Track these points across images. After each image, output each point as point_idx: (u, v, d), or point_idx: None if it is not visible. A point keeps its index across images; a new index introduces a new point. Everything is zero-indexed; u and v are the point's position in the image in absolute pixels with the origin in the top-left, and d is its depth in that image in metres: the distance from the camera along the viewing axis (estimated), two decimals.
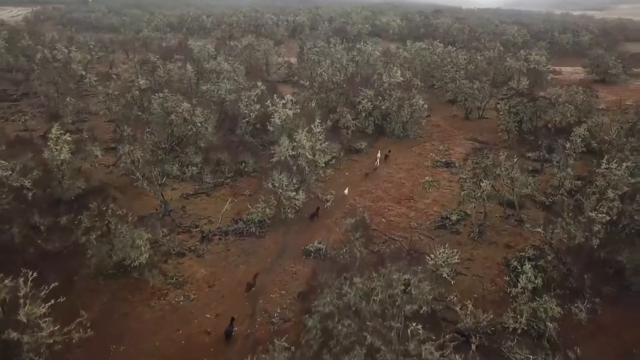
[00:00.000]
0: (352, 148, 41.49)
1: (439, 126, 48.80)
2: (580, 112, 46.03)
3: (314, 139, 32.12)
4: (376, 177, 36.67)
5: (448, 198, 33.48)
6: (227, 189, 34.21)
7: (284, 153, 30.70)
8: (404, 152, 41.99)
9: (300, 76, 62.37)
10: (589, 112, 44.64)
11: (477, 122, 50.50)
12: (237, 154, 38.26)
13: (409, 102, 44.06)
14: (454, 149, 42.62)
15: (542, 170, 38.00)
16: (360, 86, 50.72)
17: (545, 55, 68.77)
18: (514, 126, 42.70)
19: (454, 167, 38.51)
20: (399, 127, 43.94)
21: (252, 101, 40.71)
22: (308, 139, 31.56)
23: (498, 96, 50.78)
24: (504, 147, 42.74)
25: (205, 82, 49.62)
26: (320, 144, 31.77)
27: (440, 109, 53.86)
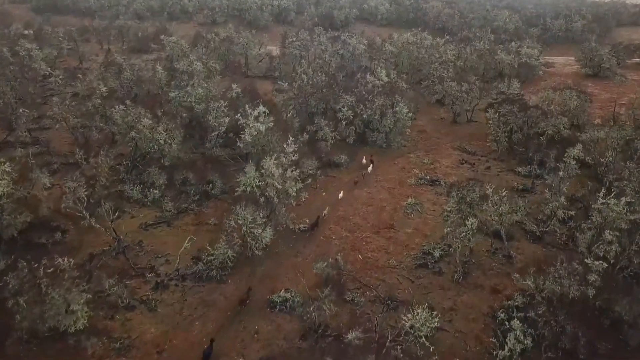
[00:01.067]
0: (331, 162, 38.27)
1: (424, 132, 45.56)
2: (573, 122, 43.14)
3: (285, 164, 28.86)
4: (355, 200, 33.58)
5: (431, 225, 30.52)
6: (191, 216, 31.03)
7: (250, 183, 27.45)
8: (386, 165, 38.84)
9: (282, 71, 58.66)
10: (584, 125, 41.67)
11: (465, 126, 47.31)
12: (205, 172, 34.96)
13: (392, 110, 40.71)
14: (439, 162, 39.49)
15: (532, 188, 35.06)
16: (342, 88, 47.32)
17: (537, 48, 65.29)
18: (504, 137, 39.58)
19: (438, 185, 35.46)
20: (382, 138, 40.68)
21: (222, 112, 37.22)
22: (278, 165, 28.29)
23: (488, 98, 47.45)
24: (492, 159, 39.86)
25: (178, 84, 45.88)
26: (291, 171, 28.50)
27: (428, 110, 50.56)
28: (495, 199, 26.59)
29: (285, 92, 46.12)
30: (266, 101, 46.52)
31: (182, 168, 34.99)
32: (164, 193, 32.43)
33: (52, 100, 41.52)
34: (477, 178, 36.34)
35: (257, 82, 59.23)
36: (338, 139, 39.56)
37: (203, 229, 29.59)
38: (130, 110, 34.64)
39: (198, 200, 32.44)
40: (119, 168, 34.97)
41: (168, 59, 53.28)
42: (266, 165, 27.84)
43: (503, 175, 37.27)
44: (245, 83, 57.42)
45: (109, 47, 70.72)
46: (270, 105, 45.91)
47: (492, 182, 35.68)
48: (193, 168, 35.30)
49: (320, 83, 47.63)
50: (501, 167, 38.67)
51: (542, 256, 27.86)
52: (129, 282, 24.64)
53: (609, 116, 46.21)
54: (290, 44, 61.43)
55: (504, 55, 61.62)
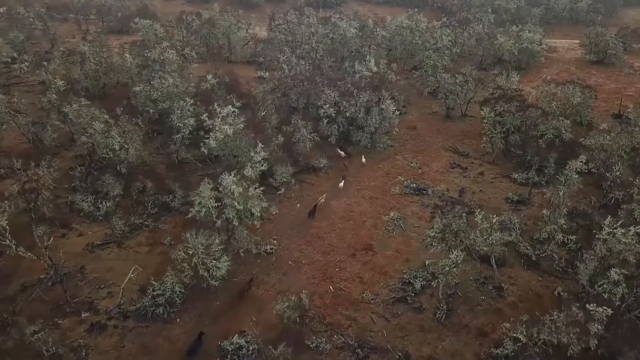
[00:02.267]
0: (309, 166, 34.43)
1: (414, 129, 41.53)
2: (576, 120, 39.14)
3: (249, 180, 25.16)
4: (332, 213, 29.92)
5: (414, 247, 26.92)
6: (146, 233, 27.45)
7: (205, 204, 23.75)
8: (370, 169, 35.01)
9: (266, 57, 54.28)
10: (588, 123, 37.76)
11: (459, 122, 43.24)
12: (167, 179, 31.25)
13: (379, 107, 36.69)
14: (428, 165, 35.65)
15: (529, 199, 31.33)
16: (327, 79, 43.17)
17: (540, 32, 60.53)
18: (500, 138, 35.61)
19: (426, 195, 31.73)
20: (366, 138, 36.73)
21: (187, 111, 33.26)
22: (239, 183, 24.56)
23: (484, 92, 43.21)
24: (487, 162, 36.01)
25: (148, 75, 41.81)
26: (254, 188, 24.77)
27: (419, 102, 46.35)
28: (484, 226, 22.85)
29: (267, 83, 42.00)
30: (244, 94, 42.66)
31: (142, 174, 31.23)
32: (118, 205, 28.81)
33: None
34: (469, 186, 32.76)
35: (240, 68, 55.00)
36: (318, 139, 35.50)
37: (157, 251, 26.07)
38: (83, 110, 30.73)
39: (156, 214, 28.82)
40: (74, 174, 31.28)
41: (144, 44, 48.92)
42: (225, 182, 24.09)
43: (497, 183, 33.50)
44: (227, 70, 53.33)
45: (87, 27, 66.09)
46: (249, 97, 42.17)
47: (485, 190, 32.23)
48: (154, 175, 31.57)
49: (304, 73, 43.50)
50: (496, 172, 34.85)
51: (538, 287, 24.40)
52: (61, 322, 21.26)
53: (615, 112, 42.28)
54: (276, 27, 56.81)
55: (503, 41, 56.97)
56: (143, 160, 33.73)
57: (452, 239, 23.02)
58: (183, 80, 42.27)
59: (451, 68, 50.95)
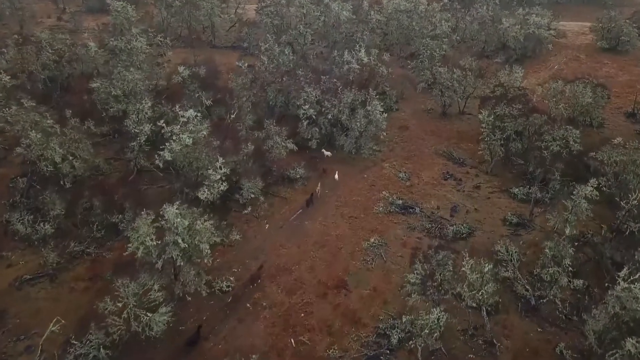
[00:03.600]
0: (284, 176, 30.20)
1: (406, 129, 37.05)
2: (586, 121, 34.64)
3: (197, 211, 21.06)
4: (305, 236, 25.86)
5: (394, 283, 22.89)
6: (86, 264, 23.53)
7: (142, 240, 19.69)
8: (353, 179, 30.80)
9: (251, 42, 49.50)
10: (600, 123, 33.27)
11: (456, 120, 38.68)
12: (120, 193, 27.19)
13: (365, 108, 32.19)
14: (419, 175, 31.36)
15: (530, 220, 27.15)
16: (311, 71, 38.58)
17: (548, 16, 55.09)
18: (499, 145, 31.12)
19: (412, 214, 27.58)
20: (350, 143, 32.31)
21: (146, 115, 28.94)
22: (186, 213, 20.45)
23: (484, 87, 38.46)
24: (484, 172, 31.66)
25: (115, 65, 37.32)
26: (203, 221, 20.65)
27: (414, 97, 41.71)
28: (474, 277, 18.73)
29: (245, 75, 37.41)
30: (220, 87, 38.19)
31: (91, 188, 27.19)
32: (58, 227, 24.82)
33: None
34: (462, 203, 28.53)
35: (222, 54, 50.30)
36: (294, 146, 31.01)
37: (95, 288, 22.16)
38: (21, 115, 26.49)
39: (102, 238, 24.87)
40: (15, 186, 27.33)
41: (114, 28, 44.22)
42: (167, 214, 19.98)
43: (495, 199, 29.25)
44: (208, 56, 48.64)
45: (64, 6, 61.15)
46: (226, 92, 37.69)
47: (481, 208, 28.03)
48: (105, 188, 27.51)
49: (287, 64, 38.89)
50: (493, 184, 30.55)
51: (536, 341, 20.43)
52: None
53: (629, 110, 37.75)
54: (262, 9, 51.72)
55: (509, 26, 51.71)
56: (98, 169, 29.69)
57: (434, 292, 18.93)
58: (152, 72, 37.94)
59: (450, 56, 46.34)
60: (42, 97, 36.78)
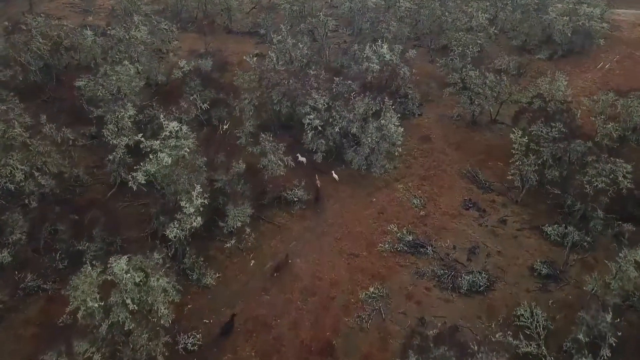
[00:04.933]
0: (281, 198, 26.15)
1: (428, 140, 32.20)
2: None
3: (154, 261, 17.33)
4: (293, 279, 21.95)
5: (391, 351, 18.87)
6: (41, 303, 20.32)
7: (82, 299, 16.13)
8: (359, 203, 26.53)
9: (268, 29, 44.89)
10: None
11: (485, 131, 33.45)
12: (93, 213, 23.75)
13: (379, 120, 27.55)
14: (436, 202, 26.79)
15: (564, 271, 22.45)
16: (326, 68, 34.08)
17: (601, 6, 48.07)
18: (533, 170, 26.05)
19: (424, 256, 23.23)
20: (360, 160, 27.81)
21: (126, 124, 25.22)
22: (139, 264, 16.77)
23: (520, 95, 32.99)
24: (513, 202, 26.80)
25: (113, 57, 33.71)
26: (159, 277, 16.93)
27: (441, 99, 36.18)
28: None
29: (253, 72, 33.05)
30: (224, 85, 34.13)
31: (63, 205, 23.83)
32: (17, 255, 21.62)
33: None
34: (484, 242, 23.96)
35: (237, 42, 46.02)
36: (292, 164, 26.66)
37: (44, 335, 18.89)
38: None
39: (64, 269, 21.55)
40: None
41: (113, 15, 40.43)
42: (115, 268, 16.32)
43: (523, 239, 24.50)
44: (221, 44, 44.49)
45: None
46: (230, 90, 33.62)
47: (506, 250, 23.40)
48: (77, 206, 24.12)
49: (300, 59, 34.40)
50: (523, 218, 25.74)
51: None
52: None
53: None
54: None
55: (555, 17, 45.24)
56: (77, 179, 26.37)
57: None
58: (151, 66, 34.05)
59: (486, 53, 40.76)
60: (33, 89, 33.80)
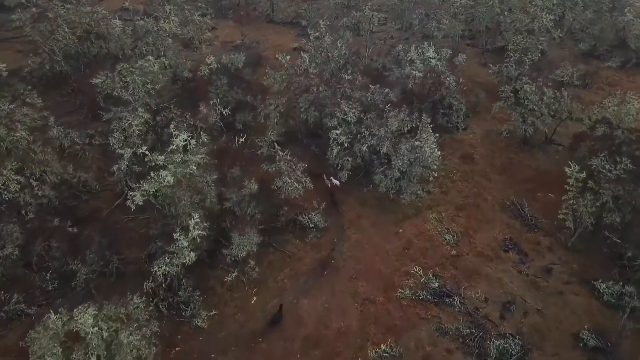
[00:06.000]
0: (296, 222, 23.32)
1: (471, 160, 28.36)
2: None
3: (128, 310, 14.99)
4: (298, 324, 19.24)
5: None
6: (22, 330, 18.43)
7: (42, 354, 13.98)
8: (382, 235, 23.35)
9: (310, 20, 41.59)
10: None
11: (538, 153, 29.16)
12: (93, 227, 21.84)
13: (412, 141, 24.01)
14: (471, 238, 23.25)
15: (616, 343, 18.59)
16: (363, 73, 30.63)
17: None
18: (589, 212, 21.94)
19: (449, 308, 19.91)
20: (389, 182, 24.45)
21: (133, 135, 22.95)
22: (108, 315, 14.45)
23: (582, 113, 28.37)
24: (561, 247, 22.87)
25: (140, 50, 31.67)
26: (131, 333, 14.55)
27: (490, 110, 31.82)
28: None
29: (286, 72, 30.02)
30: (252, 84, 31.46)
31: (62, 216, 22.01)
32: (6, 272, 19.97)
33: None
34: (522, 296, 20.34)
35: (277, 32, 43.07)
36: (310, 186, 23.50)
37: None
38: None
39: (54, 291, 19.76)
40: None
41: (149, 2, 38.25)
42: (80, 319, 14.07)
43: (569, 295, 20.67)
44: (259, 35, 41.68)
45: None
46: (258, 91, 30.94)
47: (547, 307, 19.84)
48: (77, 218, 22.27)
49: (337, 59, 31.06)
50: (571, 269, 21.82)
51: None
52: None
53: None
54: None
55: (631, 18, 39.43)
56: (86, 185, 24.54)
57: None
58: (178, 61, 31.66)
59: (547, 61, 36.00)
60: (59, 80, 32.29)
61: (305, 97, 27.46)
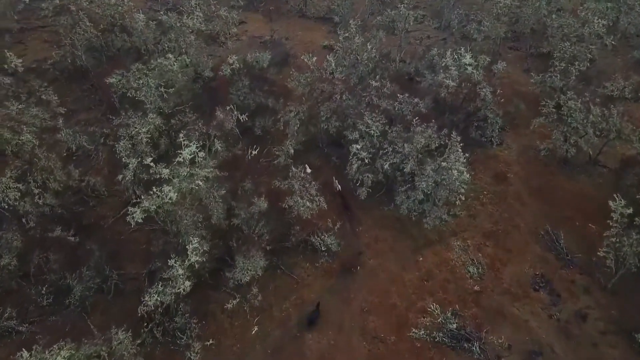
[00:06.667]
0: (307, 242, 21.54)
1: (504, 180, 25.82)
2: None
3: None
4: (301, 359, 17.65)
5: None
6: (11, 348, 17.51)
7: None
8: (399, 262, 21.35)
9: (343, 16, 39.34)
10: None
11: (580, 175, 26.31)
12: (89, 242, 20.70)
13: (439, 162, 21.78)
14: (498, 272, 21.00)
15: None
16: (392, 79, 28.35)
17: None
18: (634, 253, 19.34)
19: (468, 352, 17.88)
20: (411, 205, 22.34)
21: (146, 138, 21.57)
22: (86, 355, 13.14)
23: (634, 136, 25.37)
24: (598, 288, 20.36)
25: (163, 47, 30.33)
26: None
27: (529, 125, 28.97)
28: None
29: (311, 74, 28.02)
30: (275, 84, 29.75)
31: (65, 223, 20.96)
32: (2, 284, 19.06)
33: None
34: (551, 344, 18.09)
35: (309, 28, 40.96)
36: (324, 205, 21.55)
37: None
38: None
39: (48, 307, 18.74)
40: None
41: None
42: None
43: (604, 347, 18.29)
44: (289, 29, 39.74)
45: None
46: (284, 93, 29.24)
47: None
48: (79, 227, 21.17)
49: (366, 63, 28.90)
50: (610, 316, 19.36)
51: None
52: None
53: None
54: None
55: None
56: (94, 190, 23.44)
57: None
58: (199, 60, 30.07)
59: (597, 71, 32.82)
60: (81, 74, 31.31)
61: (327, 106, 25.47)
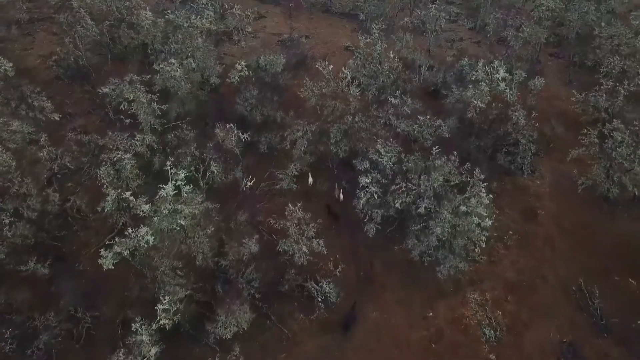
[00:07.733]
0: (302, 288, 18.88)
1: (534, 217, 22.42)
2: None
3: None
4: None
5: None
6: None
7: None
8: (406, 317, 18.56)
9: (369, 13, 35.73)
10: None
11: (623, 216, 22.76)
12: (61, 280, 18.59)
13: (457, 202, 18.63)
14: (518, 336, 18.00)
15: None
16: (415, 95, 25.15)
17: None
18: None
19: None
20: (423, 250, 19.32)
21: (130, 166, 19.14)
22: None
23: None
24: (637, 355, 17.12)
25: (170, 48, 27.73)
26: None
27: (567, 153, 25.00)
28: None
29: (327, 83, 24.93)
30: (289, 96, 26.90)
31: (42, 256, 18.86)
32: None
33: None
34: None
35: (332, 25, 37.74)
36: (323, 248, 18.73)
37: None
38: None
39: (11, 353, 16.76)
40: None
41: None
42: None
43: None
44: (311, 27, 36.58)
45: None
46: (295, 104, 26.36)
47: None
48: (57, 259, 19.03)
49: (386, 74, 25.68)
50: None
51: None
52: None
53: None
54: None
55: None
56: (80, 212, 21.33)
57: None
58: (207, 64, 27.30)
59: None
60: (84, 74, 29.10)
61: (337, 127, 22.47)
